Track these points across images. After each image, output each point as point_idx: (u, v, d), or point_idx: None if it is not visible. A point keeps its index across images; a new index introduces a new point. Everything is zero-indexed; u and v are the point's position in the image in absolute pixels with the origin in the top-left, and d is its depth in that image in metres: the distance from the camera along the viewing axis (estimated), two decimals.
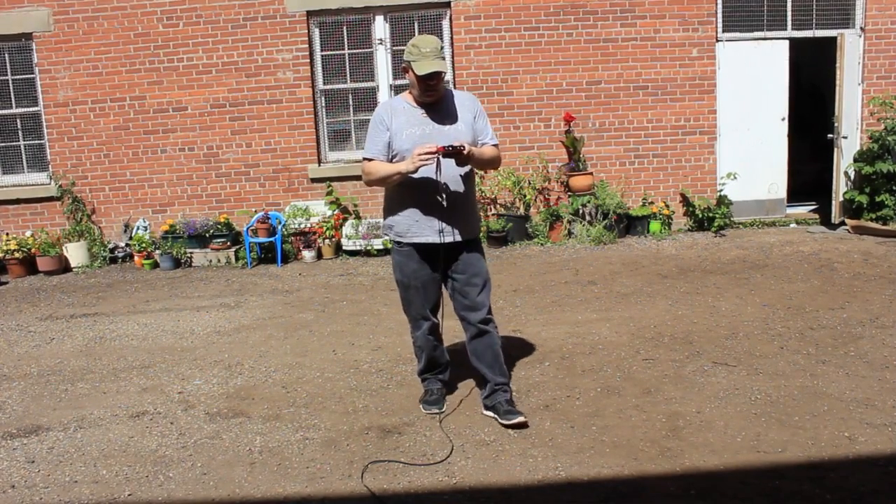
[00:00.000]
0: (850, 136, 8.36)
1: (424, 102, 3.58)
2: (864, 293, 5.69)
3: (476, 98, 3.80)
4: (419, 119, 3.57)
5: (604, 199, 8.36)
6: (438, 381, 4.01)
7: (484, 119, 3.71)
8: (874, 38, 8.51)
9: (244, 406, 4.13)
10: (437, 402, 3.92)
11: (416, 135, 3.53)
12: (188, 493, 3.20)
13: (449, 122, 3.59)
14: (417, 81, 3.49)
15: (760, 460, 3.19)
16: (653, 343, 4.79)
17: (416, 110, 3.59)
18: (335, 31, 8.60)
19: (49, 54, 8.53)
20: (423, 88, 3.52)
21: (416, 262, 3.68)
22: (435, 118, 3.59)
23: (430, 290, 3.73)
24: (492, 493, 3.04)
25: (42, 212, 8.82)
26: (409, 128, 3.57)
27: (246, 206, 8.69)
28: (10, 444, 3.79)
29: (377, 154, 3.64)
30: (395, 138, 3.57)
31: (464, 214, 3.64)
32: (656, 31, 8.47)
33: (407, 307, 3.85)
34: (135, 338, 5.61)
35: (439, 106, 3.60)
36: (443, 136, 3.52)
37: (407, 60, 3.50)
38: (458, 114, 3.61)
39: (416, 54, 3.46)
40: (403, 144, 3.55)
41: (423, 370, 4.01)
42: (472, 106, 3.68)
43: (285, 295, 6.70)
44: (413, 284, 3.72)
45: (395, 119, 3.59)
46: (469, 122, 3.62)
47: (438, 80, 3.50)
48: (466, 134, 3.57)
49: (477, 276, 3.67)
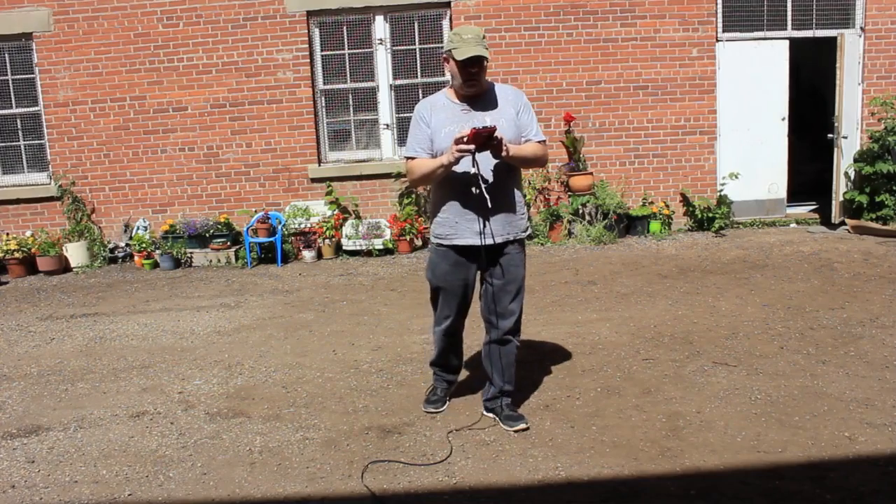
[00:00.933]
0: (850, 136, 8.36)
1: (466, 95, 3.43)
2: (864, 293, 5.69)
3: (521, 92, 3.63)
4: (459, 115, 3.42)
5: (604, 199, 8.36)
6: (445, 381, 3.98)
7: (529, 113, 3.54)
8: (874, 38, 8.51)
9: (244, 406, 4.13)
10: (436, 402, 3.91)
11: (456, 132, 3.34)
12: (188, 493, 3.20)
13: (489, 118, 3.42)
14: (458, 70, 3.33)
15: (760, 460, 3.19)
16: (653, 343, 4.80)
17: (457, 106, 3.45)
18: (335, 31, 8.60)
19: (49, 54, 8.53)
20: (465, 77, 3.34)
21: (449, 265, 3.56)
22: (475, 115, 3.43)
23: (459, 296, 3.61)
24: (492, 493, 3.04)
25: (42, 212, 8.82)
26: (449, 124, 3.42)
27: (246, 206, 8.69)
28: (10, 444, 3.79)
29: (419, 152, 3.49)
30: (436, 136, 3.43)
31: (506, 213, 3.47)
32: (656, 31, 8.47)
33: (434, 303, 3.77)
34: (135, 338, 5.61)
35: (481, 100, 3.45)
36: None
37: (447, 50, 3.36)
38: (501, 108, 3.46)
39: (456, 41, 3.32)
40: (444, 142, 3.40)
41: (434, 362, 3.98)
42: (516, 100, 3.52)
43: (285, 295, 6.70)
44: (442, 287, 3.62)
45: (435, 116, 3.46)
46: (511, 116, 3.46)
47: (480, 67, 3.34)
48: (508, 129, 3.40)
49: (512, 282, 3.53)
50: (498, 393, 3.69)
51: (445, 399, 3.96)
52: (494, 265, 3.51)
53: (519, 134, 3.47)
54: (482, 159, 3.33)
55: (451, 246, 3.52)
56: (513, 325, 3.57)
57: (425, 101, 3.57)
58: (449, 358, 3.91)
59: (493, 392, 3.71)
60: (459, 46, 3.29)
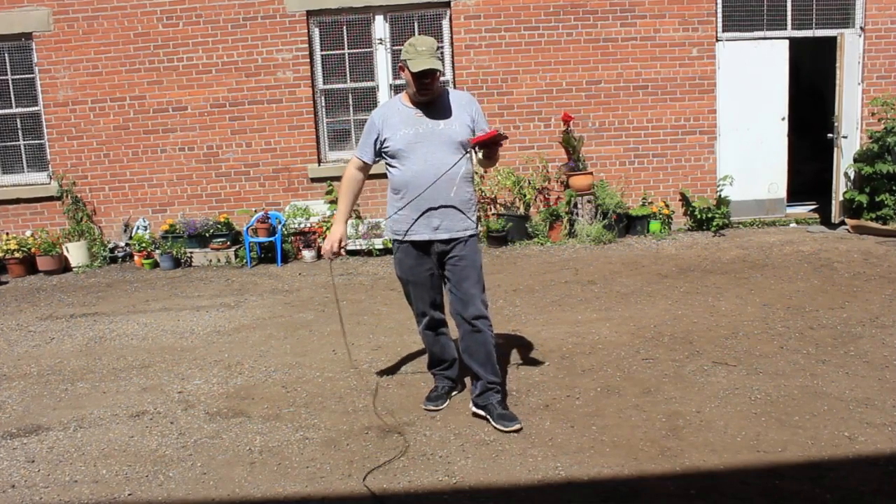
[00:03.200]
0: (849, 136, 8.36)
1: (420, 102, 3.63)
2: (864, 293, 5.69)
3: (473, 97, 3.82)
4: (413, 119, 3.62)
5: (603, 199, 8.36)
6: (446, 378, 4.03)
7: (481, 118, 3.74)
8: (874, 37, 8.50)
9: (244, 406, 4.13)
10: (436, 399, 3.94)
11: (410, 134, 3.60)
12: (188, 493, 3.20)
13: (443, 120, 3.62)
14: (412, 80, 3.53)
15: (760, 460, 3.19)
16: (653, 343, 4.79)
17: (411, 110, 3.64)
18: (335, 31, 8.60)
19: (49, 54, 8.53)
20: (418, 87, 3.55)
21: (413, 259, 3.74)
22: (429, 117, 3.63)
23: (429, 287, 3.80)
24: (492, 493, 3.04)
25: (42, 211, 8.82)
26: (403, 128, 3.62)
27: (246, 206, 8.69)
28: (10, 444, 3.79)
29: (364, 156, 3.79)
30: (390, 139, 3.64)
31: (458, 210, 3.66)
32: (656, 31, 8.47)
33: (409, 300, 3.94)
34: (135, 337, 5.61)
35: (434, 105, 3.64)
36: (436, 135, 3.59)
37: (403, 59, 3.55)
38: (454, 112, 3.64)
39: (411, 53, 3.50)
40: (397, 144, 3.62)
41: (429, 365, 4.10)
42: (469, 105, 3.70)
43: (285, 295, 6.70)
44: (411, 280, 3.80)
45: (389, 121, 3.66)
46: (464, 121, 3.64)
47: (433, 78, 3.54)
48: (461, 132, 3.61)
49: (469, 268, 3.67)
50: (486, 387, 3.69)
51: (446, 397, 3.99)
52: (450, 257, 3.68)
53: (470, 134, 3.64)
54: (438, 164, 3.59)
55: (408, 241, 3.72)
56: (478, 311, 3.65)
57: (381, 106, 3.82)
58: (441, 353, 3.99)
59: (480, 387, 3.71)
60: (414, 58, 3.48)
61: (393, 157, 3.67)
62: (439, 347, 3.98)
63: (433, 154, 3.58)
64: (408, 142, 3.60)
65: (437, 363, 4.04)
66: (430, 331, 3.92)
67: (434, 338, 3.95)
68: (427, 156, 3.59)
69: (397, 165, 3.68)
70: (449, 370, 4.04)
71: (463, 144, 3.60)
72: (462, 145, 3.61)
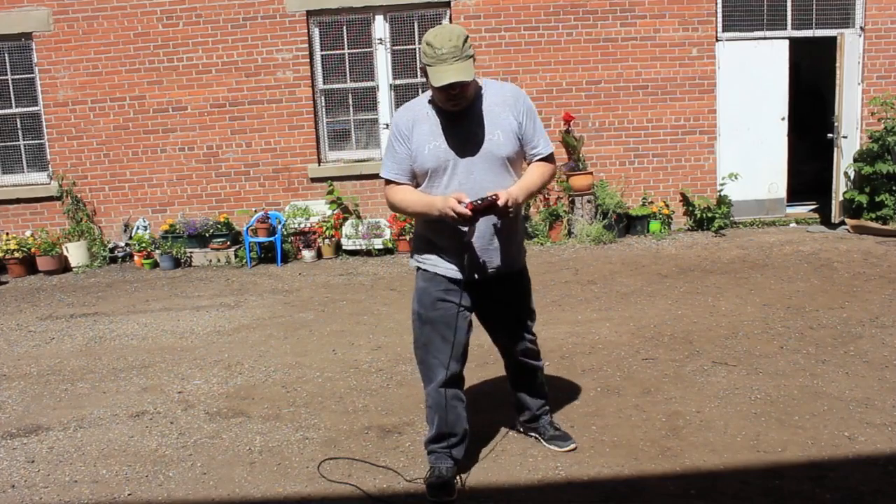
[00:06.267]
0: (849, 136, 8.36)
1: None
2: (863, 293, 5.69)
3: (522, 93, 2.99)
4: (444, 128, 2.89)
5: (603, 199, 8.36)
6: (450, 458, 3.09)
7: (533, 121, 2.95)
8: (874, 37, 8.50)
9: (244, 406, 4.13)
10: (444, 487, 2.99)
11: (442, 149, 2.87)
12: (188, 493, 3.20)
13: (483, 132, 2.88)
14: (435, 91, 2.81)
15: (760, 460, 3.19)
16: (653, 343, 4.79)
17: (441, 117, 2.90)
18: (335, 31, 8.59)
19: (49, 54, 8.52)
20: (445, 98, 2.81)
21: (440, 291, 2.98)
22: (464, 127, 2.88)
23: (454, 330, 2.96)
24: (492, 493, 3.04)
25: (42, 211, 8.82)
26: (432, 140, 2.87)
27: (246, 206, 8.69)
28: (10, 444, 3.79)
29: (399, 175, 2.94)
30: (419, 154, 2.89)
31: (505, 247, 3.00)
32: (656, 31, 8.46)
33: (422, 351, 3.06)
34: (135, 338, 5.61)
35: (472, 109, 2.89)
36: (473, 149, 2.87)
37: (423, 64, 2.79)
38: (496, 117, 2.90)
39: (431, 56, 2.73)
40: (426, 162, 2.88)
41: (431, 439, 3.12)
42: (516, 105, 2.92)
43: (285, 295, 6.70)
44: (432, 318, 2.99)
45: (417, 129, 2.90)
46: (510, 128, 2.90)
47: (463, 87, 2.77)
48: (507, 143, 2.89)
49: (518, 315, 3.17)
50: (536, 414, 3.40)
51: (454, 483, 3.04)
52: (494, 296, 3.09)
53: (519, 147, 2.94)
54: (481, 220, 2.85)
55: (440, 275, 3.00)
56: (527, 345, 3.22)
57: (404, 111, 2.97)
58: (449, 427, 3.07)
59: (529, 416, 3.41)
60: (434, 66, 2.72)
61: (422, 176, 2.93)
62: (454, 415, 3.07)
63: (469, 175, 2.87)
64: (438, 159, 2.87)
65: (443, 437, 3.08)
66: (446, 388, 3.04)
67: (448, 401, 3.05)
68: (462, 177, 2.87)
69: (425, 189, 2.94)
70: (457, 447, 3.11)
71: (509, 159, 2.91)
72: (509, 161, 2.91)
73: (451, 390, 3.05)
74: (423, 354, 3.07)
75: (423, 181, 2.94)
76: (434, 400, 3.05)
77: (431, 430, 3.11)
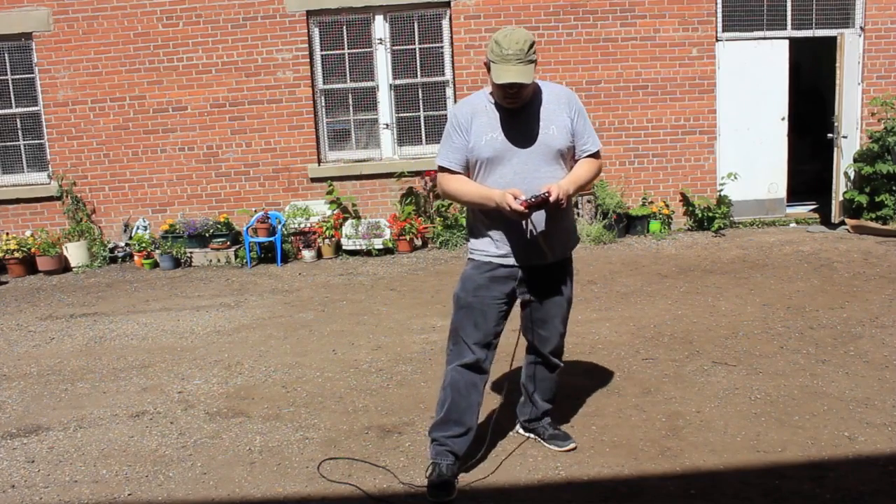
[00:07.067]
0: (849, 136, 8.36)
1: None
2: (863, 293, 5.69)
3: (574, 94, 3.19)
4: (502, 121, 3.03)
5: (603, 199, 8.36)
6: (451, 453, 3.11)
7: (584, 119, 3.13)
8: (874, 37, 8.50)
9: (244, 406, 4.13)
10: (444, 486, 3.01)
11: (499, 141, 3.00)
12: (188, 493, 3.20)
13: (538, 126, 3.03)
14: (495, 87, 2.95)
15: (760, 460, 3.19)
16: (653, 343, 4.80)
17: (499, 111, 3.04)
18: (335, 31, 8.60)
19: (49, 54, 8.52)
20: (503, 96, 2.96)
21: (484, 279, 3.08)
22: (521, 121, 3.03)
23: (490, 318, 3.09)
24: (492, 493, 3.04)
25: (42, 211, 8.82)
26: (489, 132, 3.01)
27: (246, 206, 8.69)
28: (10, 444, 3.79)
29: (454, 164, 3.06)
30: (476, 144, 3.02)
31: (557, 233, 3.11)
32: (656, 31, 8.47)
33: (453, 333, 3.16)
34: (135, 337, 5.61)
35: (529, 107, 3.04)
36: (529, 141, 3.01)
37: (487, 59, 2.93)
38: (551, 112, 3.05)
39: (496, 54, 2.86)
40: (483, 152, 3.01)
41: (437, 423, 3.15)
42: (569, 104, 3.10)
43: (285, 294, 6.70)
44: (470, 303, 3.08)
45: (476, 121, 3.03)
46: (564, 124, 3.06)
47: (521, 88, 2.91)
48: (560, 138, 3.04)
49: (560, 306, 3.24)
50: (540, 414, 3.44)
51: (454, 482, 3.08)
52: (539, 283, 3.15)
53: (571, 142, 3.08)
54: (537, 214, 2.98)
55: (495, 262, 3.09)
56: (557, 346, 3.31)
57: (464, 104, 3.12)
58: (459, 414, 3.10)
59: (532, 414, 3.44)
60: (498, 63, 2.85)
61: (478, 166, 3.05)
62: (467, 403, 3.12)
63: (524, 165, 2.99)
64: (495, 150, 3.00)
65: (449, 424, 3.12)
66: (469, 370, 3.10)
67: (467, 385, 3.11)
68: (518, 167, 3.00)
69: (481, 179, 3.06)
70: (460, 439, 3.13)
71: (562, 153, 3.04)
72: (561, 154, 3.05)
73: (471, 375, 3.11)
74: (455, 336, 3.15)
75: (480, 171, 3.06)
76: (452, 379, 3.11)
77: (440, 413, 3.14)
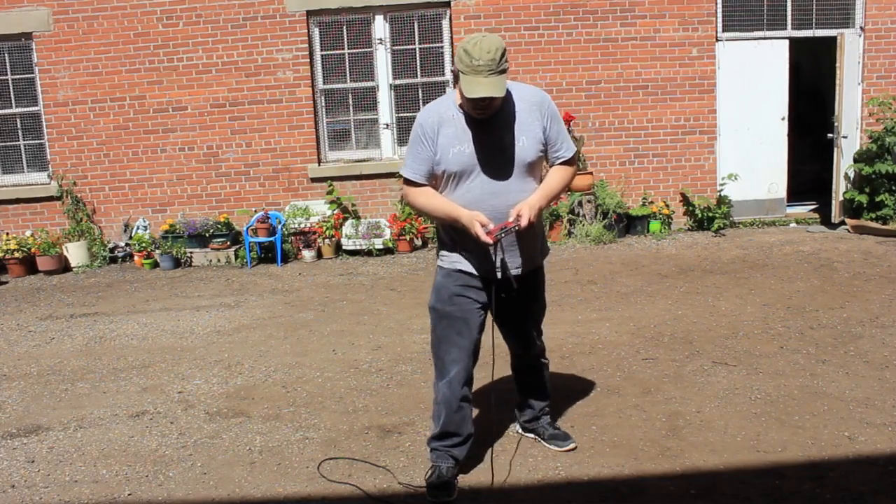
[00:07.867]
0: (849, 136, 8.36)
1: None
2: (863, 293, 5.69)
3: (546, 97, 3.01)
4: (469, 132, 2.89)
5: (603, 199, 8.36)
6: (451, 457, 3.11)
7: (557, 124, 2.99)
8: (874, 37, 8.50)
9: (244, 406, 4.13)
10: (444, 487, 3.00)
11: (466, 154, 2.87)
12: (188, 493, 3.20)
13: (508, 138, 2.89)
14: (464, 99, 2.81)
15: (760, 460, 3.19)
16: (653, 343, 4.80)
17: (466, 120, 2.90)
18: (335, 31, 8.60)
19: (49, 54, 8.52)
20: (473, 107, 2.81)
21: (458, 287, 3.00)
22: (490, 133, 2.89)
23: (470, 326, 3.01)
24: (492, 493, 3.04)
25: (42, 211, 8.82)
26: (457, 144, 2.87)
27: (246, 206, 8.69)
28: (10, 444, 3.79)
29: (420, 176, 2.93)
30: (443, 156, 2.89)
31: (526, 247, 3.04)
32: (656, 31, 8.47)
33: (436, 346, 3.10)
34: (135, 337, 5.61)
35: (498, 114, 2.89)
36: (498, 154, 2.89)
37: (456, 68, 2.78)
38: (522, 121, 2.92)
39: (466, 65, 2.71)
40: (450, 166, 2.89)
41: (435, 436, 3.14)
42: (541, 109, 2.95)
43: (285, 295, 6.70)
44: (449, 312, 3.02)
45: (442, 131, 2.88)
46: (536, 133, 2.92)
47: (493, 100, 2.76)
48: (530, 148, 2.92)
49: (532, 315, 3.25)
50: (535, 414, 3.45)
51: (454, 482, 3.06)
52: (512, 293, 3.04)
53: (542, 151, 2.98)
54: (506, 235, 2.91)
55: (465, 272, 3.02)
56: (539, 348, 3.35)
57: (430, 112, 2.95)
58: (454, 426, 3.09)
59: (530, 415, 3.45)
60: (468, 75, 2.71)
61: (446, 178, 2.93)
62: (461, 415, 3.10)
63: (492, 180, 2.89)
64: (462, 164, 2.87)
65: (447, 435, 3.11)
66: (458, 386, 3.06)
67: (458, 400, 3.07)
68: (485, 182, 2.89)
69: (448, 192, 2.95)
70: (460, 447, 3.13)
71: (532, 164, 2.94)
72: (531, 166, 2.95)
73: (462, 389, 3.07)
74: (438, 349, 3.09)
75: (447, 184, 2.95)
76: (444, 396, 3.07)
77: (436, 427, 3.12)
